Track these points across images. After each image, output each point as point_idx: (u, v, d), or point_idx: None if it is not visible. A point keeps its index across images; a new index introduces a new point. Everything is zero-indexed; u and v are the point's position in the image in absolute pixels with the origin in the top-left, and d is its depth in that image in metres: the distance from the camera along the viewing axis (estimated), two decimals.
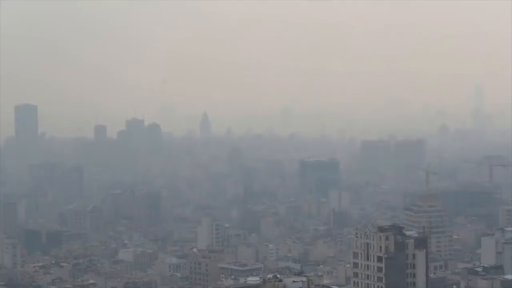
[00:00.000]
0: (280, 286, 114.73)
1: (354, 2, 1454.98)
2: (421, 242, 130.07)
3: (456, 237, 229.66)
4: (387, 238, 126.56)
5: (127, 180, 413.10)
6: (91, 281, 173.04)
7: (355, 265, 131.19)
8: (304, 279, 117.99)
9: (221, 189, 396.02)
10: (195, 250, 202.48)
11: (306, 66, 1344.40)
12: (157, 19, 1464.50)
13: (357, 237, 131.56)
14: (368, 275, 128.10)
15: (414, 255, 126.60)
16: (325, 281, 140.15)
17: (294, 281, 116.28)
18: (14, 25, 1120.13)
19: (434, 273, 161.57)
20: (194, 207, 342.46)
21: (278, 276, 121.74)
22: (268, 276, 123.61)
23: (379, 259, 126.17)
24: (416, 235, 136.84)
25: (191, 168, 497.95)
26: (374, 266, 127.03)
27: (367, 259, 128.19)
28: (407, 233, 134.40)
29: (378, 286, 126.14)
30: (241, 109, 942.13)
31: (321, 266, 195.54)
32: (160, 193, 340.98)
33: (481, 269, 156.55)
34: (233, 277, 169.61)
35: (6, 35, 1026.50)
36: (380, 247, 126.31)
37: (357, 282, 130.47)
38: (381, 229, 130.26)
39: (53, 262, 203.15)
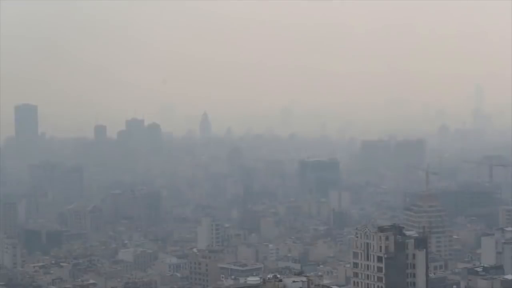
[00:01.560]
0: (280, 286, 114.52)
1: (354, 2, 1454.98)
2: (421, 242, 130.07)
3: (456, 237, 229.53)
4: (387, 238, 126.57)
5: (127, 180, 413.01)
6: (91, 281, 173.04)
7: (355, 265, 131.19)
8: (304, 279, 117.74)
9: (221, 189, 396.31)
10: (195, 250, 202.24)
11: (306, 66, 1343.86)
12: (157, 19, 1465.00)
13: (357, 237, 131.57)
14: (368, 275, 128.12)
15: (414, 255, 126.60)
16: (325, 281, 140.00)
17: (294, 281, 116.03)
18: (14, 25, 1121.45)
19: (434, 273, 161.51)
20: (194, 207, 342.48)
21: (278, 276, 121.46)
22: (268, 276, 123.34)
23: (379, 259, 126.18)
24: (416, 235, 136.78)
25: (191, 168, 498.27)
26: (374, 266, 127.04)
27: (367, 259, 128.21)
28: (407, 233, 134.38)
29: (378, 286, 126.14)
30: (241, 109, 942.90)
31: (321, 266, 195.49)
32: (160, 193, 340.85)
33: (481, 269, 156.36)
34: (233, 277, 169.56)
35: (6, 35, 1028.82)
36: (380, 247, 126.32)
37: (357, 282, 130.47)
38: (381, 229, 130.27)
39: (53, 262, 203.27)
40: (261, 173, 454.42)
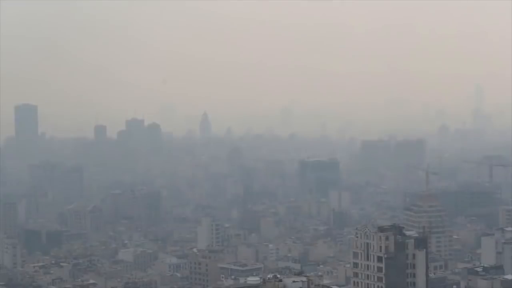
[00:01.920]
0: (280, 286, 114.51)
1: (354, 2, 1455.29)
2: (421, 242, 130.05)
3: (456, 237, 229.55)
4: (387, 238, 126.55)
5: (127, 180, 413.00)
6: (91, 281, 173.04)
7: (355, 265, 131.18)
8: (304, 279, 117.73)
9: (221, 189, 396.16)
10: (195, 250, 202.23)
11: (306, 66, 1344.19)
12: (157, 19, 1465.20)
13: (357, 237, 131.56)
14: (368, 275, 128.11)
15: (414, 255, 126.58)
16: (325, 281, 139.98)
17: (294, 281, 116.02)
18: (14, 25, 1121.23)
19: (434, 273, 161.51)
20: (194, 207, 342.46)
21: (278, 276, 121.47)
22: (268, 276, 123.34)
23: (379, 259, 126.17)
24: (416, 235, 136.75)
25: (191, 168, 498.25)
26: (374, 266, 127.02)
27: (367, 259, 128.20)
28: (407, 233, 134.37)
29: (378, 286, 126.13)
30: (241, 109, 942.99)
31: (321, 266, 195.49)
32: (160, 193, 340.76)
33: (481, 269, 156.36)
34: (233, 277, 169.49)
35: (6, 35, 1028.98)
36: (380, 247, 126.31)
37: (357, 282, 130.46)
38: (381, 229, 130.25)
39: (53, 262, 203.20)
40: (261, 173, 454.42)
